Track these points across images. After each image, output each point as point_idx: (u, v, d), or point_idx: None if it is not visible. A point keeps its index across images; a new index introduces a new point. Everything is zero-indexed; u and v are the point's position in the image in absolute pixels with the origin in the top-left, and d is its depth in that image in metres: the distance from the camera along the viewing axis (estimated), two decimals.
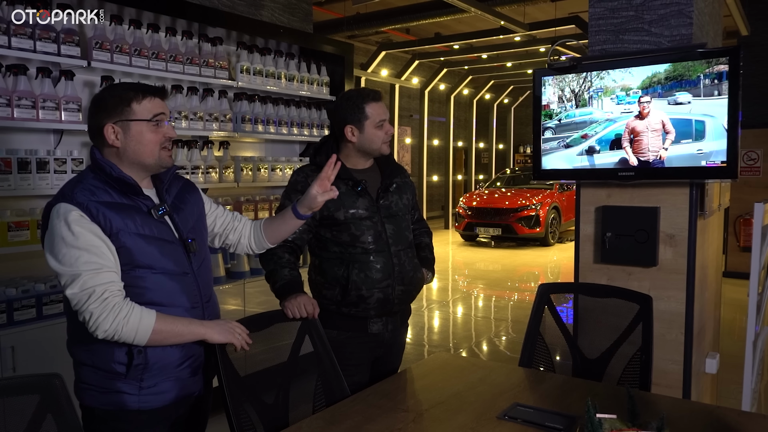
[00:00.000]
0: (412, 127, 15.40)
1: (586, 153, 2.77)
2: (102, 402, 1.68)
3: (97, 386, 1.67)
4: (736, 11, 5.85)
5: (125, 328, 1.58)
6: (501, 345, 5.56)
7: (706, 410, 1.87)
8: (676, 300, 2.60)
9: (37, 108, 2.83)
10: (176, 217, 1.79)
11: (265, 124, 3.97)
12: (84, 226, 1.59)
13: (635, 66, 2.52)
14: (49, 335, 2.81)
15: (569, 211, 11.88)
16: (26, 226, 2.80)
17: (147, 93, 1.72)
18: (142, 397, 1.68)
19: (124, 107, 1.68)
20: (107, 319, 1.56)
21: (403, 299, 2.28)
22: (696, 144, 2.48)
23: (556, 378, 2.15)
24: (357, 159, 2.29)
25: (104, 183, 1.68)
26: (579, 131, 2.78)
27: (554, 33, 10.70)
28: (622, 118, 2.65)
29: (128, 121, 1.68)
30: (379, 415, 1.80)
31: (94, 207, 1.61)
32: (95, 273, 1.57)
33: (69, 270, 1.57)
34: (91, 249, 1.58)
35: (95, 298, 1.56)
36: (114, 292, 1.59)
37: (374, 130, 2.23)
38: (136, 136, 1.69)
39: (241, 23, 3.78)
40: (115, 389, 1.66)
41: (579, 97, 2.78)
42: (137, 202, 1.71)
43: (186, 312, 1.74)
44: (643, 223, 2.61)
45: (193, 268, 1.79)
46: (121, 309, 1.58)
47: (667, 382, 2.59)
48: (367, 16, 10.10)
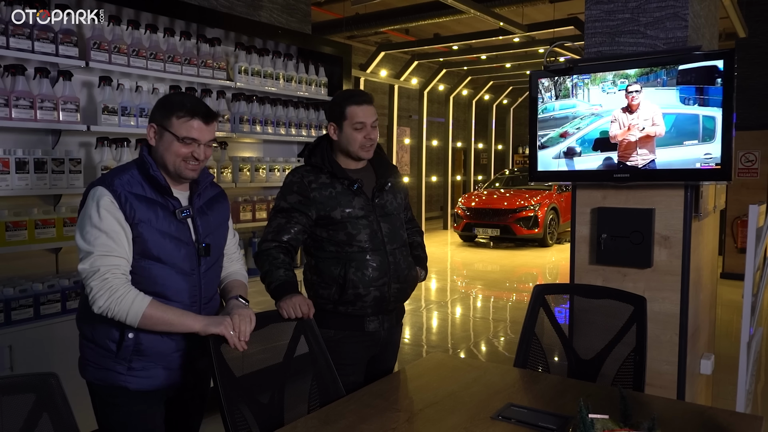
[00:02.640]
0: (411, 127, 15.41)
1: (564, 155, 2.64)
2: (97, 377, 1.84)
3: (94, 362, 1.84)
4: (733, 13, 5.86)
5: (117, 307, 1.72)
6: (499, 346, 5.57)
7: (698, 411, 1.88)
8: (670, 301, 2.61)
9: (35, 108, 2.83)
10: (198, 220, 1.92)
11: (263, 125, 3.98)
12: (111, 211, 1.75)
13: (631, 68, 2.52)
14: (46, 335, 2.82)
15: (568, 212, 11.88)
16: (24, 226, 2.81)
17: (194, 116, 1.84)
18: (130, 377, 1.82)
19: (167, 116, 1.84)
20: (103, 296, 1.71)
21: (398, 297, 2.30)
22: (703, 146, 2.37)
23: (550, 378, 2.17)
24: (346, 159, 2.30)
25: (142, 178, 1.84)
26: (558, 128, 2.60)
27: (553, 34, 10.70)
28: (609, 112, 2.50)
29: (164, 130, 1.84)
30: (374, 415, 1.81)
31: (124, 196, 1.78)
32: (105, 255, 1.73)
33: (86, 246, 1.75)
34: (111, 233, 1.75)
35: (98, 276, 1.72)
36: (116, 274, 1.74)
37: (351, 131, 2.24)
38: (166, 144, 1.84)
39: (239, 24, 3.79)
40: (107, 366, 1.82)
41: (560, 86, 2.62)
42: (166, 200, 1.86)
43: (184, 307, 1.85)
44: (638, 224, 2.62)
45: (201, 270, 1.91)
46: (117, 289, 1.72)
47: (661, 383, 2.61)
48: (366, 17, 10.10)
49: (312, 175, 2.26)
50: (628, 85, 2.49)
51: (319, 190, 2.22)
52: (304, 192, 2.22)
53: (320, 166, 2.26)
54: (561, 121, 2.64)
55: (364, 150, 2.27)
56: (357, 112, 2.23)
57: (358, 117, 2.23)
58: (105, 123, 3.11)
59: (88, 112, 3.19)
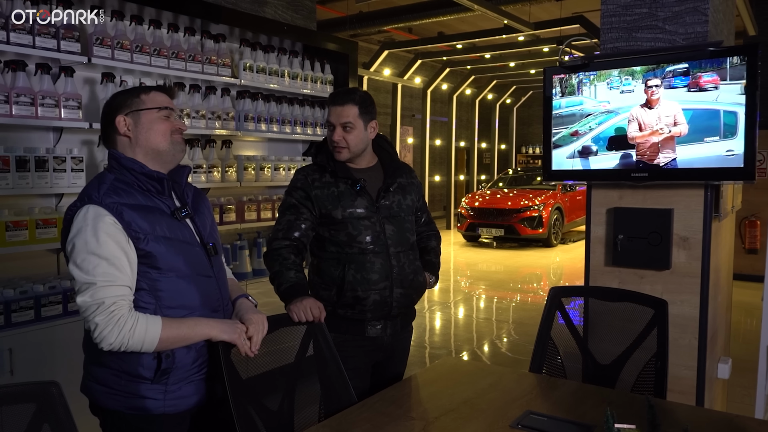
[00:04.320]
0: (414, 126, 15.34)
1: (579, 155, 2.56)
2: (130, 406, 1.65)
3: (123, 391, 1.64)
4: (744, 11, 5.79)
5: (131, 340, 1.56)
6: (503, 347, 5.50)
7: (725, 419, 1.81)
8: (689, 304, 2.54)
9: (36, 105, 2.77)
10: (196, 219, 1.80)
11: (267, 123, 3.90)
12: (111, 234, 1.57)
13: (649, 64, 2.45)
14: (47, 337, 2.76)
15: (572, 212, 11.83)
16: (24, 225, 2.74)
17: (154, 88, 1.78)
18: (169, 401, 1.67)
19: (133, 99, 1.72)
20: (112, 332, 1.54)
21: (402, 303, 2.22)
22: (725, 143, 2.27)
23: (568, 384, 2.09)
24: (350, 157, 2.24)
25: (127, 184, 1.67)
26: (567, 127, 2.53)
27: (559, 33, 10.64)
28: (625, 108, 2.42)
29: (138, 111, 1.71)
30: (388, 423, 1.74)
31: (122, 209, 1.60)
32: (108, 285, 1.55)
33: (85, 277, 1.55)
34: (111, 259, 1.56)
35: (103, 309, 1.54)
36: (121, 305, 1.57)
37: (328, 131, 2.22)
38: (147, 124, 1.72)
39: (244, 20, 3.72)
40: (142, 394, 1.64)
41: (565, 83, 2.54)
42: (160, 203, 1.70)
43: (211, 316, 1.74)
44: (656, 225, 2.55)
45: (215, 271, 1.79)
46: (126, 321, 1.56)
47: (680, 388, 2.53)
48: (370, 15, 10.03)
49: (316, 173, 2.23)
50: (647, 79, 2.41)
51: (322, 188, 2.19)
52: (307, 190, 2.19)
53: (324, 165, 2.21)
54: (568, 119, 2.57)
55: (335, 151, 2.21)
56: (330, 112, 2.22)
57: (329, 117, 2.22)
58: None
59: (91, 110, 3.12)
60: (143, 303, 1.64)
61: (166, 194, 1.73)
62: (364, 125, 2.21)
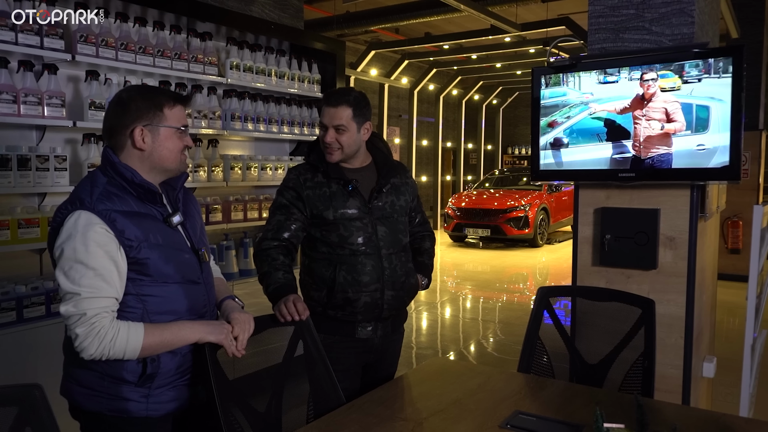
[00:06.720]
0: (401, 127, 15.34)
1: (550, 146, 2.52)
2: (113, 408, 1.62)
3: (107, 393, 1.62)
4: (728, 14, 5.85)
5: (112, 350, 1.53)
6: (489, 347, 5.51)
7: (712, 418, 1.82)
8: (676, 303, 2.55)
9: (19, 103, 2.72)
10: (187, 224, 1.76)
11: (254, 122, 3.88)
12: (102, 244, 1.53)
13: (636, 65, 2.46)
14: (29, 339, 2.71)
15: (558, 212, 11.90)
16: (6, 225, 2.70)
17: (177, 101, 1.70)
18: (152, 405, 1.64)
19: (156, 111, 1.65)
20: (92, 343, 1.51)
21: (393, 305, 2.20)
22: (695, 137, 2.29)
23: (557, 384, 2.09)
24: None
25: (120, 189, 1.62)
26: (547, 117, 2.50)
27: (545, 34, 10.69)
28: (604, 100, 2.41)
29: (159, 127, 1.65)
30: (377, 424, 1.73)
31: (115, 217, 1.55)
32: (93, 297, 1.52)
33: (70, 286, 1.52)
34: (99, 270, 1.52)
35: (84, 321, 1.51)
36: (103, 316, 1.53)
37: (322, 132, 2.19)
38: (164, 141, 1.66)
39: (230, 18, 3.69)
40: (125, 396, 1.62)
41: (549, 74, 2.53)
42: (152, 210, 1.66)
43: (198, 319, 1.72)
44: (643, 225, 2.56)
45: (204, 277, 1.76)
46: (106, 333, 1.52)
47: (666, 386, 2.55)
48: (357, 15, 10.01)
49: (309, 173, 2.20)
50: (643, 73, 2.41)
51: (314, 188, 2.16)
52: (299, 190, 2.17)
53: (317, 165, 2.19)
54: (551, 110, 2.55)
55: (327, 153, 2.18)
56: (323, 113, 2.19)
57: (322, 118, 2.20)
58: (92, 119, 3.00)
59: (74, 108, 3.07)
60: (129, 308, 1.61)
61: (159, 203, 1.69)
62: (357, 127, 2.18)
